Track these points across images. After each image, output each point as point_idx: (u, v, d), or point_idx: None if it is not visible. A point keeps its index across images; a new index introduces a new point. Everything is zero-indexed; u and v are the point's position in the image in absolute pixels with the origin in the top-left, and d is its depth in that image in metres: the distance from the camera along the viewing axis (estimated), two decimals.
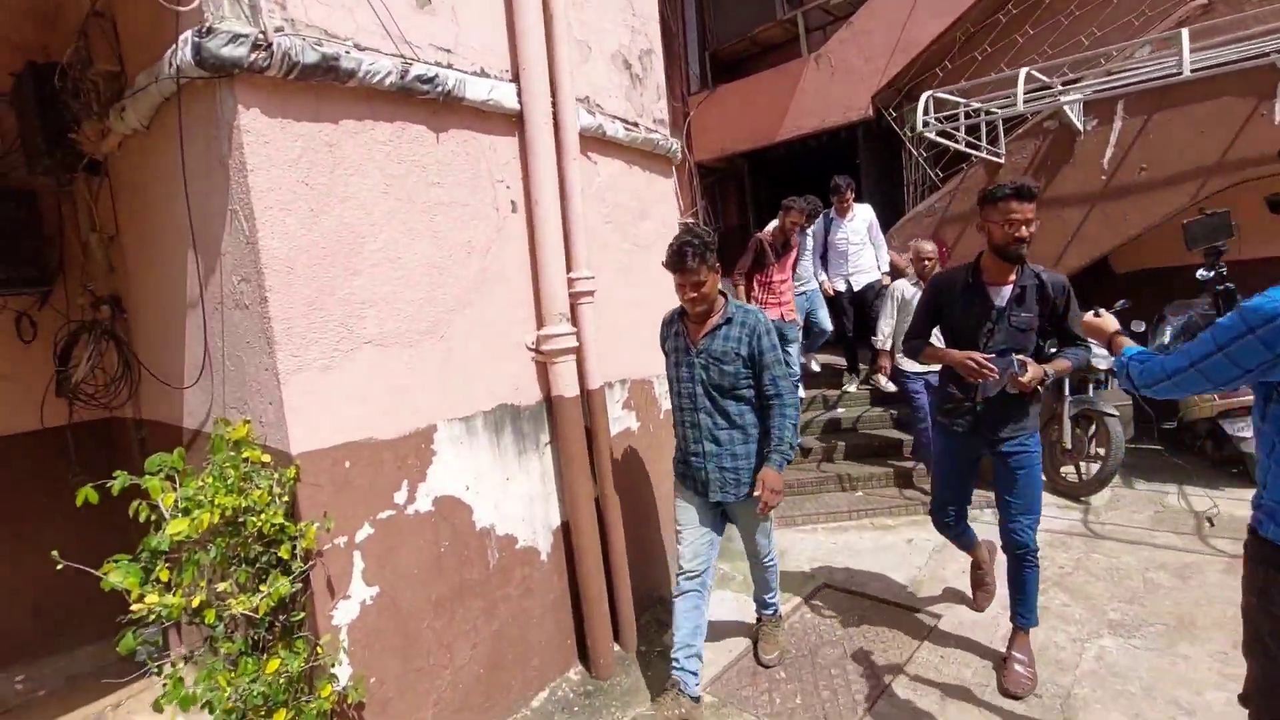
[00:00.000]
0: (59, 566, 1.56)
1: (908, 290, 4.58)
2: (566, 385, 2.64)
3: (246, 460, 1.86)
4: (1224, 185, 4.64)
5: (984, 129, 5.21)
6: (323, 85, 1.95)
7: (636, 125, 3.16)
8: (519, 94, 2.50)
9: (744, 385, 2.33)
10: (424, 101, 2.23)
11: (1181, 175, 4.75)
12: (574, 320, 2.67)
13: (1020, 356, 2.29)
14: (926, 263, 4.39)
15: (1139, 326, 4.97)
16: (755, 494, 2.31)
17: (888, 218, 6.38)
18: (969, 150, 5.16)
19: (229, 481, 1.72)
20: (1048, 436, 4.50)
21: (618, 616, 2.88)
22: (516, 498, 2.57)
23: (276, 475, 1.85)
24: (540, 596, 2.67)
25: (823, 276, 5.56)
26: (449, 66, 2.29)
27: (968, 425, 2.53)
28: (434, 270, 2.28)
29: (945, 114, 5.05)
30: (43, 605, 3.16)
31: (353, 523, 2.03)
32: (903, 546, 3.91)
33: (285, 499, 1.85)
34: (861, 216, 5.44)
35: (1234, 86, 4.43)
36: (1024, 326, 2.35)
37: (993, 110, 4.98)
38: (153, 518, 1.75)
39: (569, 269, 2.65)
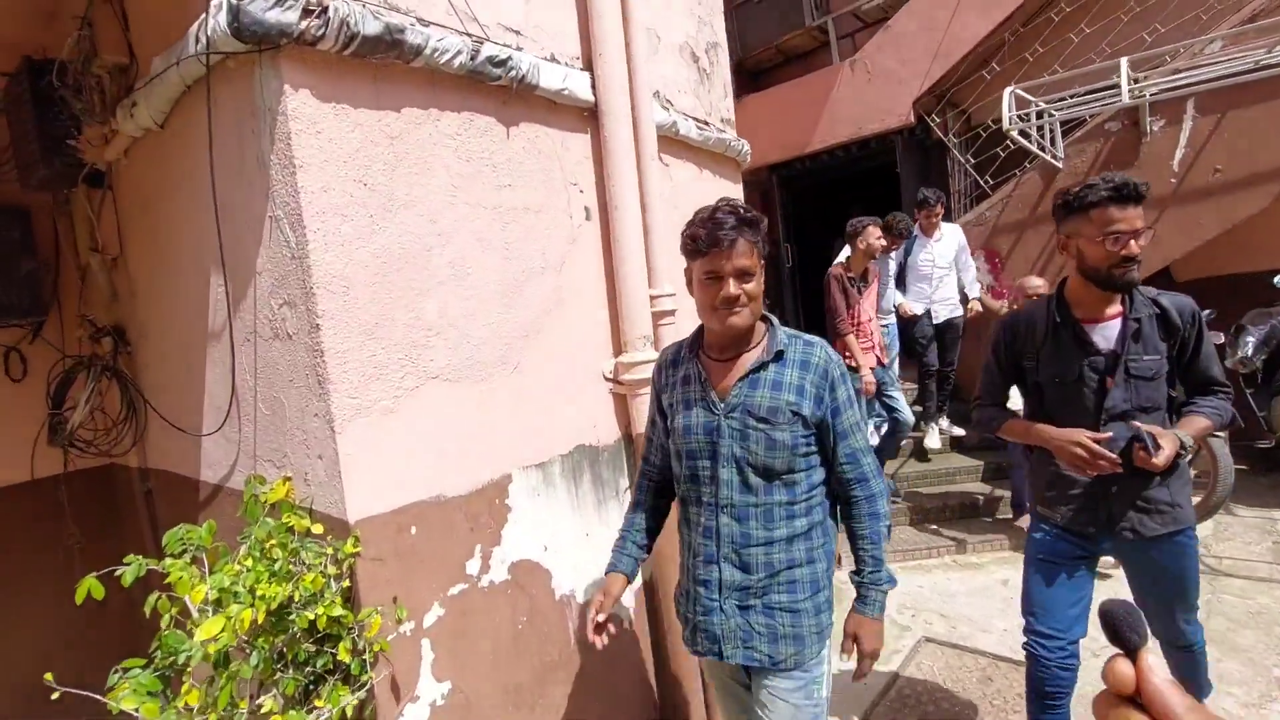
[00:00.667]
0: (54, 695, 1.16)
1: None
2: None
3: (292, 532, 1.46)
4: None
5: (1044, 132, 4.91)
6: (383, 65, 1.59)
7: (707, 124, 2.82)
8: (593, 84, 2.16)
9: (803, 464, 1.39)
10: (494, 89, 1.87)
11: (1261, 175, 4.44)
12: (656, 345, 2.29)
13: (1148, 426, 1.60)
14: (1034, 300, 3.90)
15: (1218, 338, 4.62)
16: (827, 659, 1.46)
17: None
18: (1035, 152, 4.84)
19: (276, 564, 1.33)
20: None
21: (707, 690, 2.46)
22: (597, 555, 2.16)
23: (331, 550, 1.45)
24: (624, 667, 2.25)
25: (900, 298, 4.72)
26: (518, 49, 1.94)
27: (1088, 519, 1.78)
28: (506, 288, 1.90)
29: (1021, 112, 4.75)
30: (35, 689, 2.72)
31: (421, 603, 1.63)
32: (998, 589, 3.50)
33: (343, 581, 1.45)
34: (951, 238, 4.75)
35: None
36: (1149, 374, 1.68)
37: (1076, 106, 4.68)
38: (174, 611, 1.35)
39: (649, 285, 2.28)
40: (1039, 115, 4.71)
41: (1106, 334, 1.74)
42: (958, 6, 5.48)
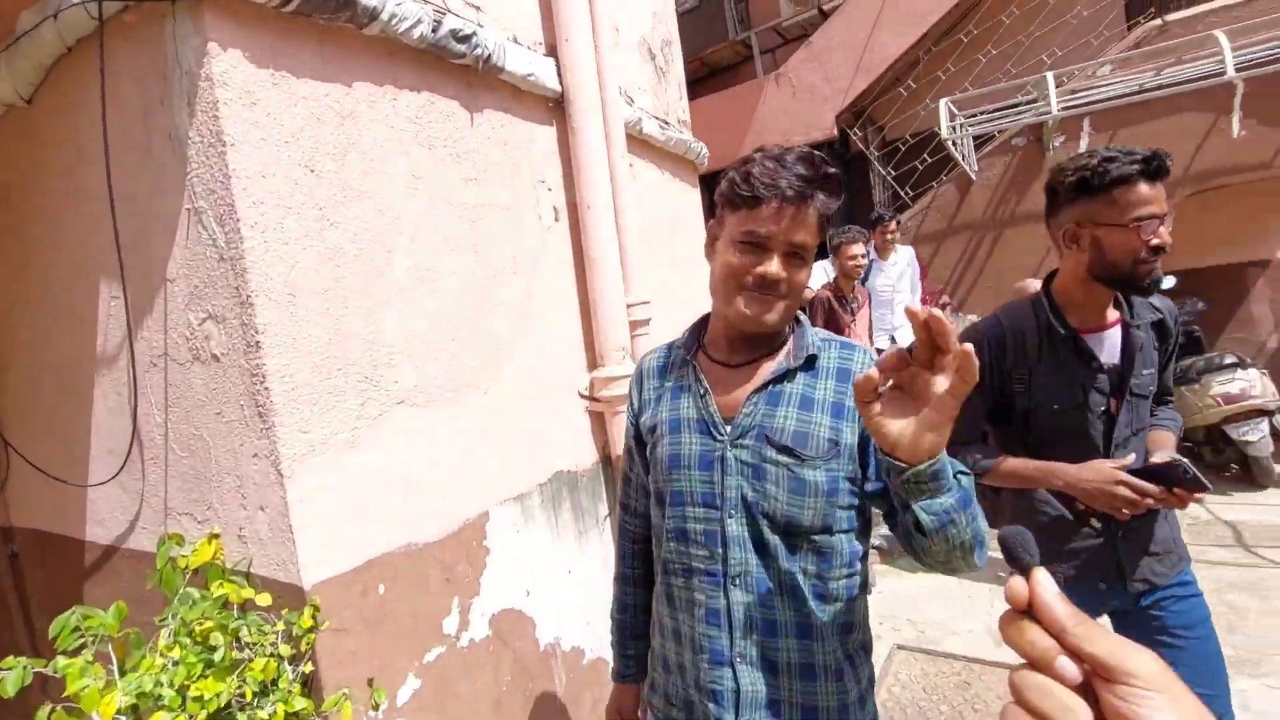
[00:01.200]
0: None
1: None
2: None
3: (230, 605, 1.14)
4: (1186, 194, 4.78)
5: (957, 145, 5.17)
6: (331, 29, 1.33)
7: (668, 123, 2.68)
8: (559, 72, 1.96)
9: (844, 523, 0.99)
10: (456, 69, 1.63)
11: None
12: (633, 358, 2.10)
13: (1185, 460, 1.28)
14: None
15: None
16: None
17: None
18: (960, 163, 5.08)
19: (217, 653, 1.01)
20: None
21: None
22: (579, 594, 1.93)
23: (283, 626, 1.15)
24: None
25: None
26: (480, 26, 1.71)
27: (1098, 574, 1.45)
28: (477, 296, 1.66)
29: (947, 124, 4.95)
30: None
31: (394, 677, 1.34)
32: (955, 588, 3.54)
33: (302, 664, 1.15)
34: (904, 257, 4.44)
35: (1193, 103, 4.59)
36: (1147, 392, 1.43)
37: (998, 120, 4.94)
38: None
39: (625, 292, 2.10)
40: (955, 129, 4.94)
41: (1108, 346, 1.42)
42: (875, 26, 5.71)
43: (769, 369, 1.03)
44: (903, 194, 5.80)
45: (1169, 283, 5.20)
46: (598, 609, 2.00)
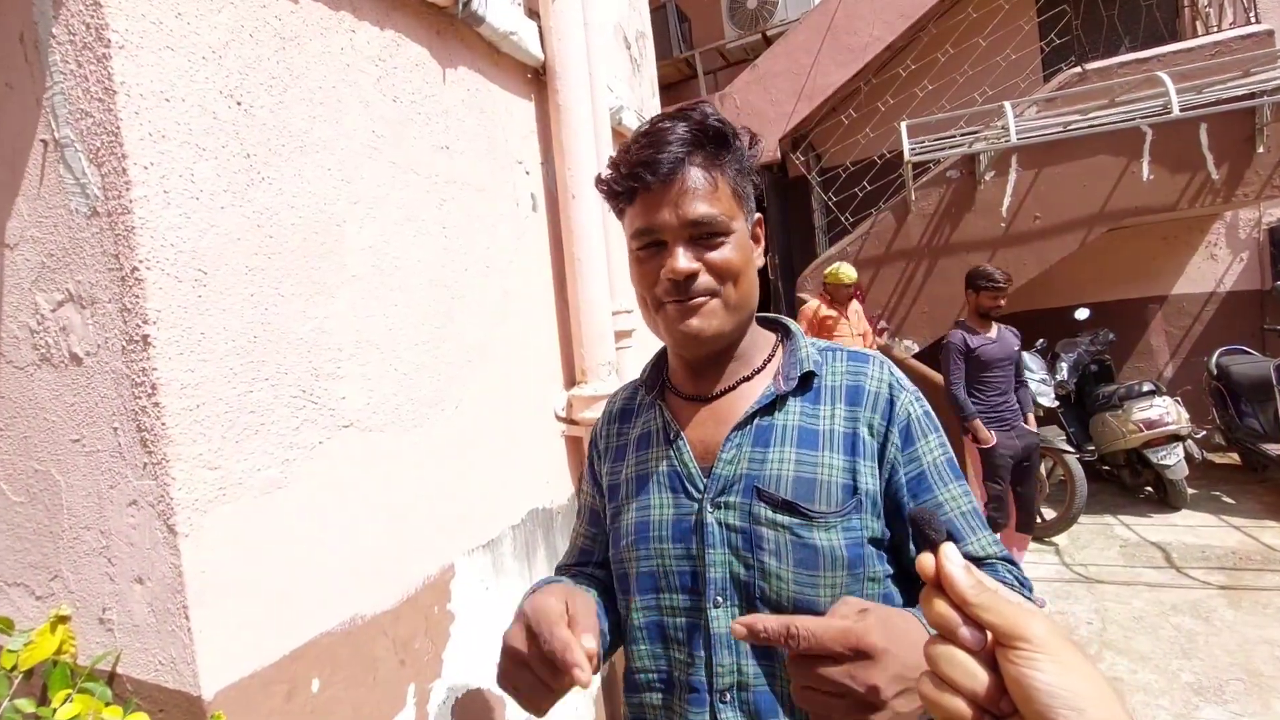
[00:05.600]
0: None
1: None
2: None
3: None
4: (1104, 230, 5.08)
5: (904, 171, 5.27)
6: None
7: (643, 118, 2.44)
8: (541, 37, 1.67)
9: (876, 592, 0.73)
10: (426, 10, 1.31)
11: (1069, 224, 5.14)
12: (620, 375, 1.81)
13: None
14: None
15: (1039, 363, 5.17)
16: None
17: (800, 262, 6.28)
18: (908, 187, 5.17)
19: None
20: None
21: None
22: None
23: None
24: None
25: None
26: None
27: None
28: (445, 292, 1.32)
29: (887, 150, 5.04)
30: None
31: None
32: None
33: None
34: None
35: (1108, 146, 4.89)
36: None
37: (950, 148, 5.05)
38: None
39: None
40: (913, 153, 5.02)
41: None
42: (817, 56, 5.79)
43: (751, 395, 0.77)
44: (843, 219, 5.87)
45: (1082, 314, 5.52)
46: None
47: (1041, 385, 4.49)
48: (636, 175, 0.70)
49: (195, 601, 0.81)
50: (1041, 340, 5.01)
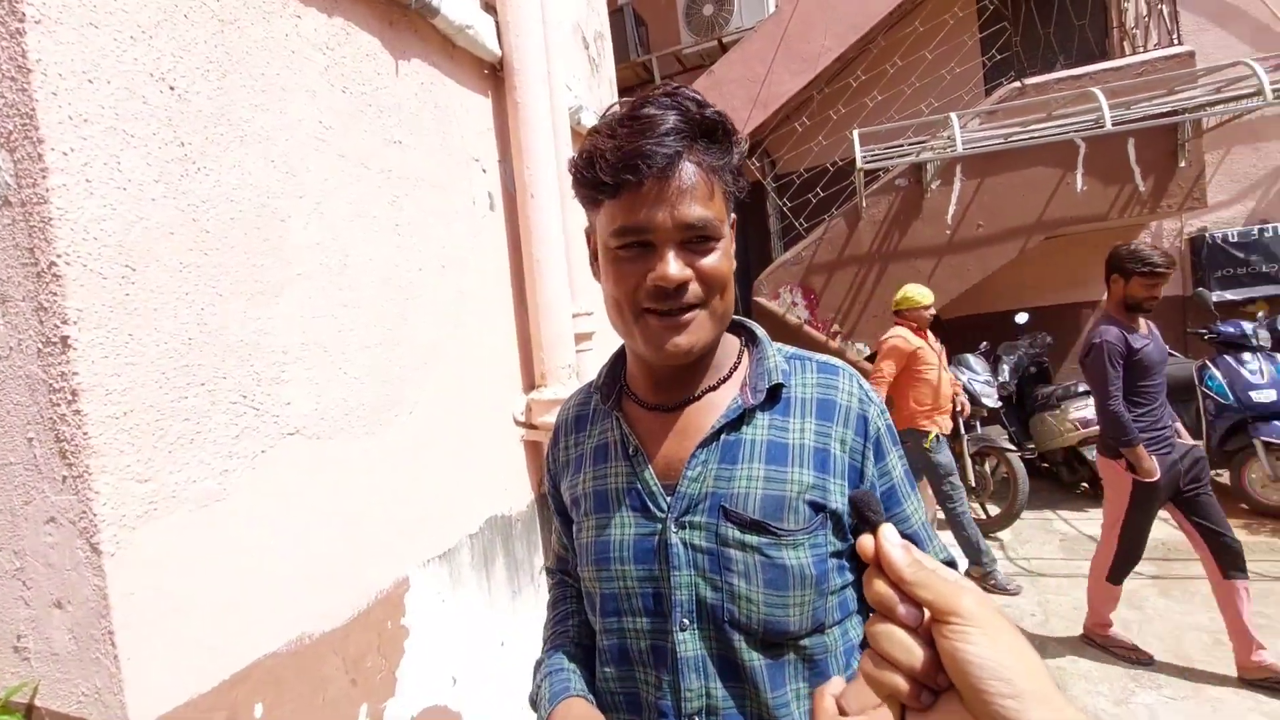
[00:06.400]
0: None
1: None
2: None
3: None
4: (1042, 238, 5.32)
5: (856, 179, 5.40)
6: None
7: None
8: (499, 33, 1.63)
9: (837, 614, 0.72)
10: (379, 0, 1.26)
11: (1010, 232, 5.36)
12: (580, 378, 1.79)
13: None
14: None
15: (980, 364, 5.38)
16: None
17: (755, 266, 6.35)
18: (860, 195, 5.29)
19: None
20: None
21: None
22: (515, 670, 1.55)
23: None
24: None
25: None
26: None
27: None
28: (398, 293, 1.27)
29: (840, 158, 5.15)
30: None
31: None
32: None
33: None
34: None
35: (1045, 158, 5.13)
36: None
37: (898, 157, 5.17)
38: None
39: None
40: (865, 160, 5.15)
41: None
42: (773, 63, 5.89)
43: (717, 407, 0.73)
44: (797, 225, 5.97)
45: (1022, 318, 5.76)
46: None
47: (985, 386, 4.66)
48: (630, 167, 0.61)
49: (122, 626, 0.74)
50: (984, 343, 5.21)
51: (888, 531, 0.42)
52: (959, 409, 3.90)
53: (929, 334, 3.78)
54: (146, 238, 0.81)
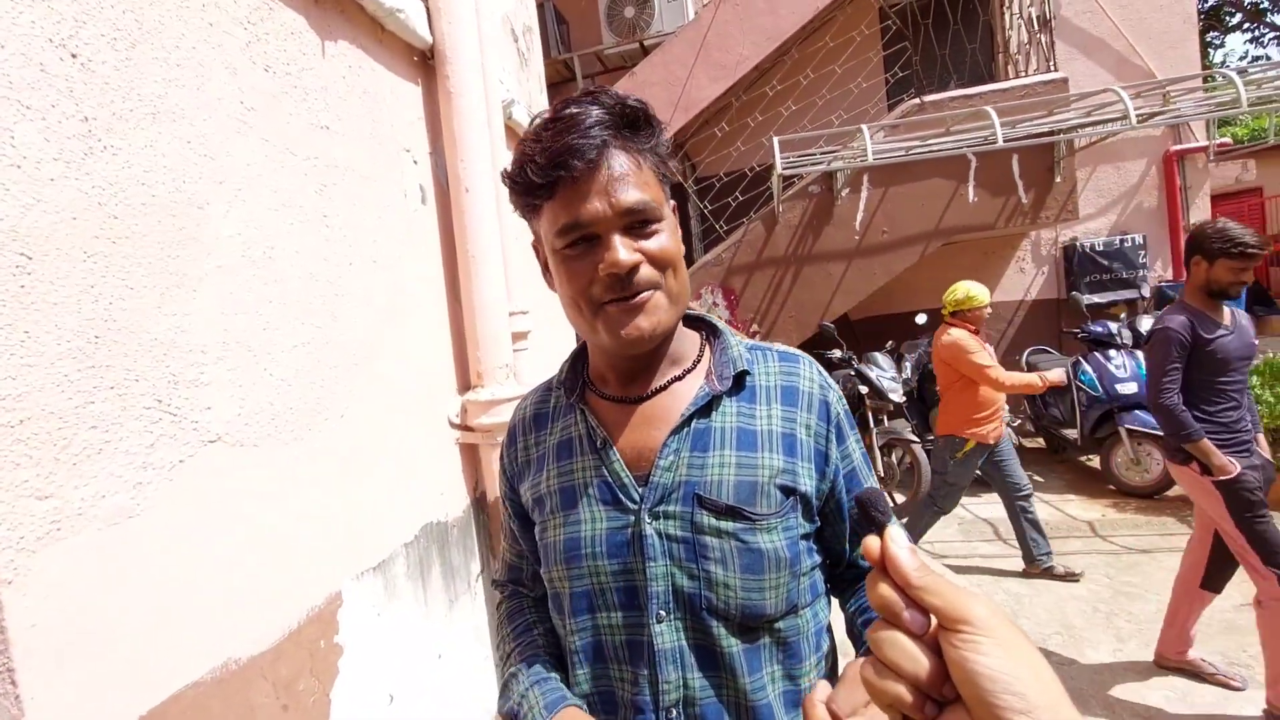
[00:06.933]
0: None
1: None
2: None
3: None
4: (940, 244, 5.72)
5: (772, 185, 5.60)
6: None
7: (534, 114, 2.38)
8: (429, 18, 1.57)
9: (808, 595, 0.74)
10: None
11: (911, 238, 5.73)
12: (515, 376, 1.74)
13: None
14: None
15: (887, 362, 5.72)
16: None
17: None
18: (764, 200, 5.46)
19: None
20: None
21: None
22: (452, 682, 1.49)
23: None
24: None
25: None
26: None
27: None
28: (327, 288, 1.19)
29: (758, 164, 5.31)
30: None
31: None
32: None
33: None
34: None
35: (942, 170, 5.53)
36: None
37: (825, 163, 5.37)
38: None
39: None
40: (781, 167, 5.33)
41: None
42: (693, 68, 6.00)
43: (684, 395, 0.74)
44: (718, 227, 6.12)
45: (921, 319, 6.17)
46: (473, 701, 1.57)
47: (891, 383, 4.96)
48: (560, 164, 0.63)
49: (23, 663, 0.65)
50: (890, 342, 5.54)
51: (895, 533, 0.40)
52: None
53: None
54: (45, 223, 0.71)
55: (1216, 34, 15.26)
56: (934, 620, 0.38)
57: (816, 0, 5.74)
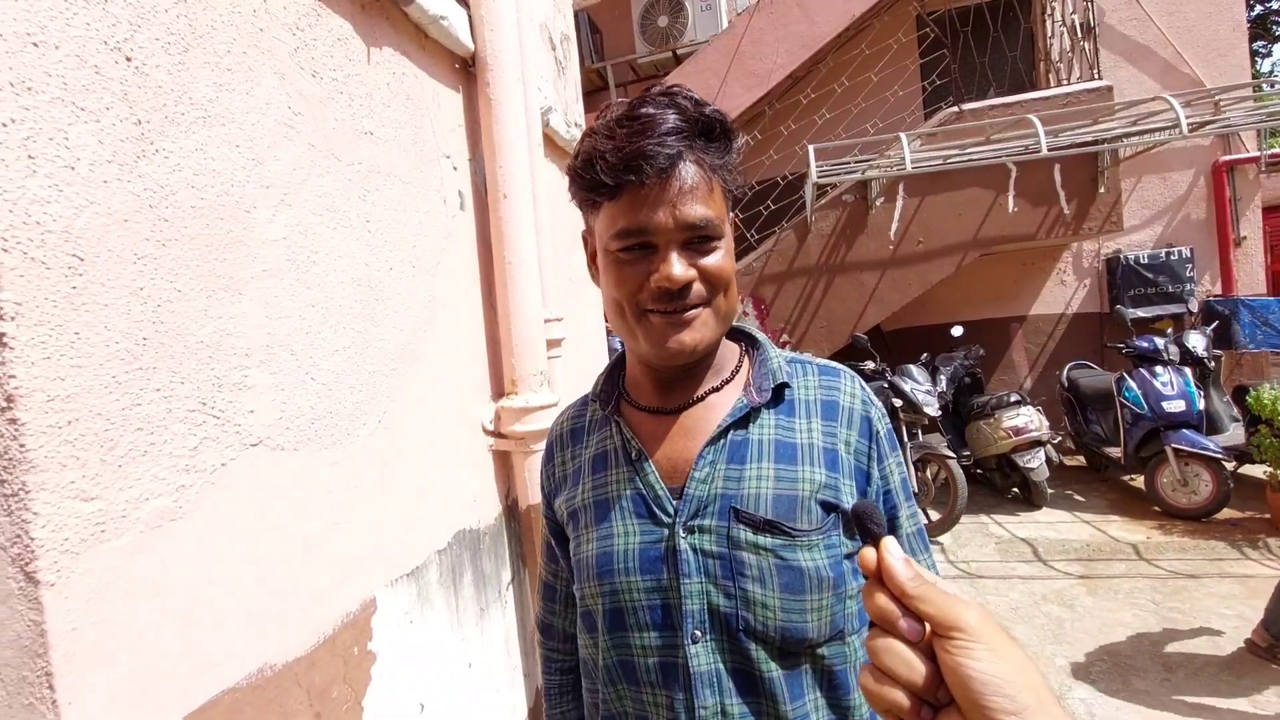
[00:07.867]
0: None
1: None
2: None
3: None
4: (977, 255, 5.59)
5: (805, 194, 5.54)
6: None
7: (570, 122, 2.38)
8: (471, 26, 1.57)
9: (856, 622, 0.70)
10: None
11: (947, 249, 5.61)
12: (550, 383, 1.73)
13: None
14: None
15: (922, 375, 5.59)
16: None
17: None
18: (797, 210, 5.40)
19: None
20: None
21: None
22: (480, 694, 1.47)
23: None
24: None
25: None
26: None
27: None
28: (368, 293, 1.19)
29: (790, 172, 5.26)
30: None
31: None
32: None
33: None
34: None
35: (980, 180, 5.41)
36: None
37: (856, 172, 5.31)
38: None
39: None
40: (817, 175, 5.27)
41: None
42: (726, 77, 5.98)
43: (722, 409, 0.72)
44: (749, 235, 6.07)
45: (957, 331, 6.03)
46: (502, 711, 1.55)
47: (926, 396, 4.84)
48: (632, 168, 0.62)
49: (63, 667, 0.65)
50: (925, 354, 5.42)
51: (890, 544, 0.42)
52: None
53: None
54: (97, 224, 0.72)
55: (1263, 43, 14.79)
56: (928, 627, 0.40)
57: (852, 8, 5.69)
